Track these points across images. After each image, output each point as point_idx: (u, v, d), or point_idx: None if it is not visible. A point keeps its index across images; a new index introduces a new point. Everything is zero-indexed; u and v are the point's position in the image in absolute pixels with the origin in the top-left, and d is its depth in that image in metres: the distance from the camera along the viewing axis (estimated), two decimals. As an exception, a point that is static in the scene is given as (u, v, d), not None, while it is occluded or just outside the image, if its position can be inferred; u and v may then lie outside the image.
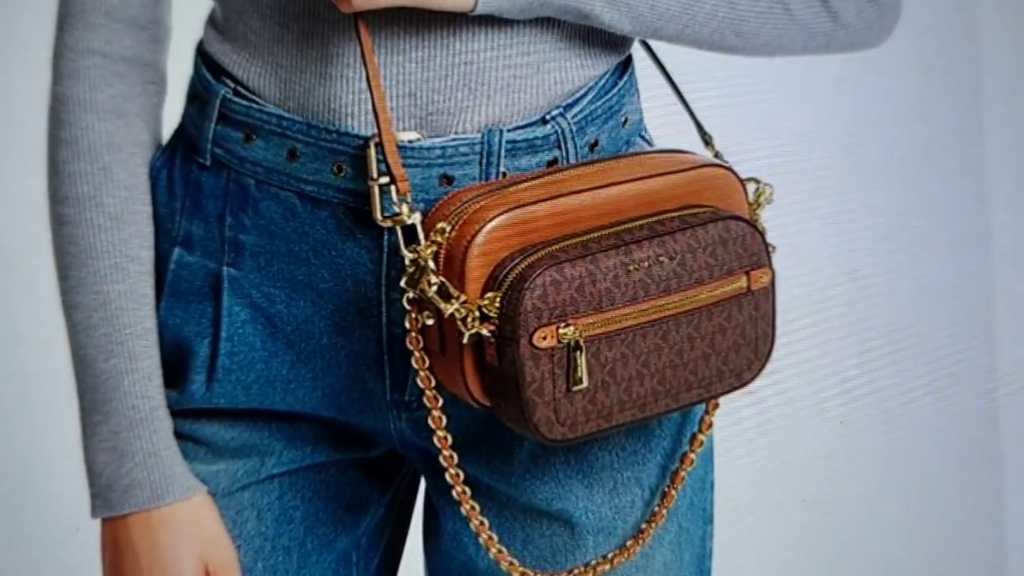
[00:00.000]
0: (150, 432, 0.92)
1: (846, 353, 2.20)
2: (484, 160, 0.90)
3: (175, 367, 0.94)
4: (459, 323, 0.82)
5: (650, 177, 0.89)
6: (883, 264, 2.20)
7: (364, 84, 0.88)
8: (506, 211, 0.85)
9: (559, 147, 0.92)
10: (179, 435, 0.94)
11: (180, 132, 0.96)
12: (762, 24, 0.92)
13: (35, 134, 0.96)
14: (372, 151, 0.87)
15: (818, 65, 1.07)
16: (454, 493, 0.91)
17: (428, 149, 0.89)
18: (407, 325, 0.85)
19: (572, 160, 0.92)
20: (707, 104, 1.06)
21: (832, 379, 2.19)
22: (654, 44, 1.00)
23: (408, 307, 0.85)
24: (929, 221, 2.22)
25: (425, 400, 0.87)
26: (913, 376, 2.24)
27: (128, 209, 0.92)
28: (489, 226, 0.84)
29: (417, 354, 0.86)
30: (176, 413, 0.94)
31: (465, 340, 0.83)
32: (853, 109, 2.16)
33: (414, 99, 0.89)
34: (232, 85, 0.92)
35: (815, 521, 2.19)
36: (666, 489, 0.96)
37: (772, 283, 0.91)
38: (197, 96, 0.94)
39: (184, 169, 0.94)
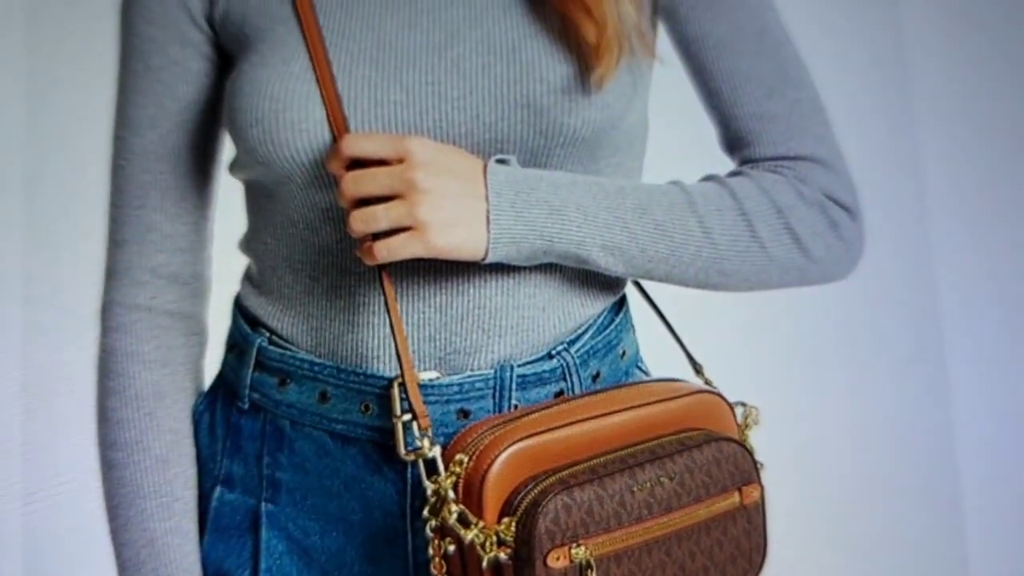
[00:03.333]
0: None
1: (834, 557, 2.21)
2: (497, 394, 0.95)
3: None
4: (478, 548, 0.85)
5: (649, 404, 0.94)
6: (861, 475, 2.23)
7: (388, 330, 0.94)
8: (518, 441, 0.89)
9: (565, 379, 0.97)
10: (220, 662, 0.97)
11: (220, 379, 1.02)
12: (741, 263, 0.98)
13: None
14: (396, 391, 0.92)
15: (791, 294, 1.11)
16: None
17: (447, 386, 0.94)
18: (431, 552, 0.88)
19: (577, 391, 0.97)
20: (695, 334, 1.11)
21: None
22: (645, 284, 1.07)
23: (431, 535, 0.88)
24: (899, 439, 2.26)
25: (450, 624, 0.90)
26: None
27: (173, 452, 0.97)
28: (503, 456, 0.88)
29: (441, 579, 0.89)
30: (217, 642, 0.97)
31: (485, 564, 0.85)
32: (823, 335, 2.20)
33: (433, 342, 0.94)
34: (267, 334, 0.98)
35: None
36: None
37: (762, 498, 0.96)
38: (236, 345, 1.00)
39: (224, 413, 0.99)
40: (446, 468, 0.89)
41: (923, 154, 2.24)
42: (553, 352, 0.97)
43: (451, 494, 0.87)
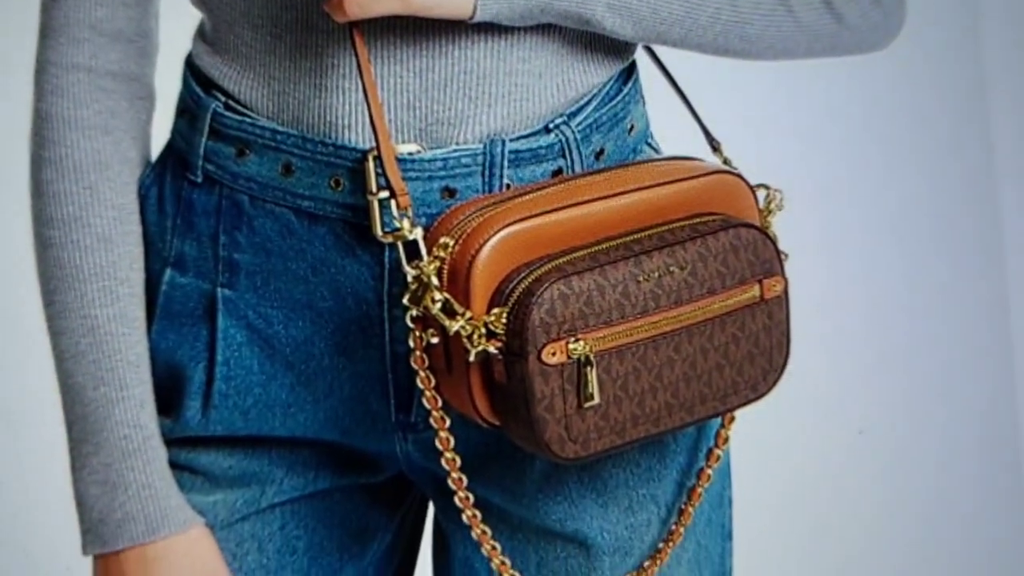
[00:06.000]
0: (143, 463, 0.90)
1: (864, 360, 2.20)
2: (487, 171, 0.89)
3: (168, 393, 0.93)
4: (465, 340, 0.82)
5: (659, 185, 0.90)
6: (899, 267, 2.21)
7: (361, 95, 0.88)
8: (511, 224, 0.85)
9: (564, 156, 0.91)
10: (174, 465, 0.93)
11: (170, 148, 0.95)
12: (765, 27, 0.92)
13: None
14: (371, 164, 0.87)
15: (822, 66, 1.07)
16: (464, 517, 0.90)
17: (428, 161, 0.88)
18: (411, 344, 0.85)
19: (578, 169, 0.92)
20: (713, 109, 1.05)
21: (849, 387, 2.20)
22: (658, 49, 1.00)
23: (412, 325, 0.85)
24: (943, 224, 2.23)
25: (432, 421, 0.87)
26: (933, 382, 2.24)
27: (117, 230, 0.91)
28: (494, 240, 0.84)
29: (422, 373, 0.86)
30: (170, 442, 0.93)
31: (472, 358, 0.82)
32: (859, 111, 2.17)
33: (413, 110, 0.89)
34: (223, 99, 0.92)
35: (831, 534, 2.19)
36: (683, 506, 0.96)
37: (785, 291, 0.91)
38: (187, 111, 0.94)
39: (175, 186, 0.93)
40: (429, 252, 0.84)
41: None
42: (551, 125, 0.91)
43: (434, 281, 0.83)
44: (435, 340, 0.84)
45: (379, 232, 0.87)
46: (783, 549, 2.14)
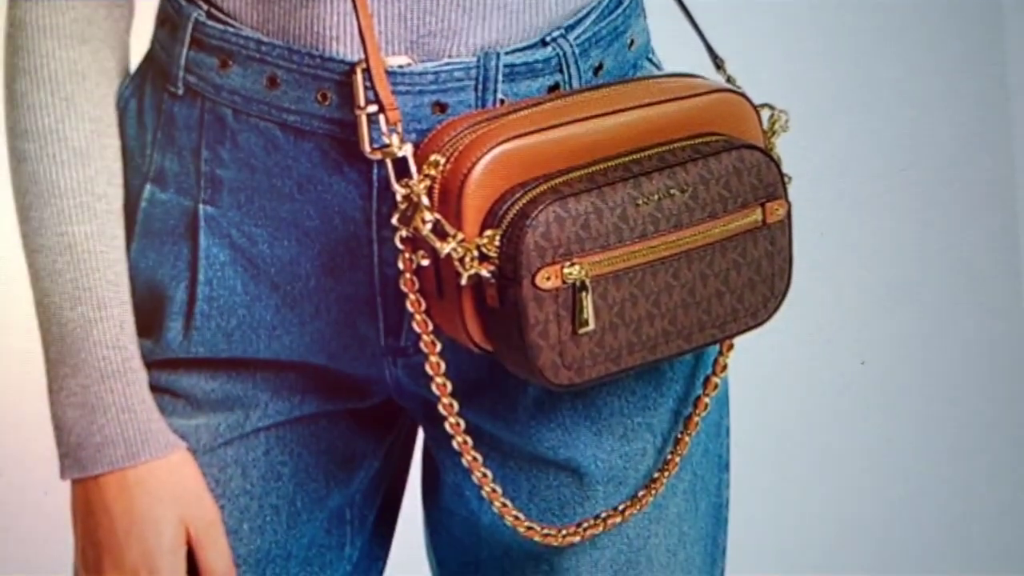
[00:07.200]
0: (123, 385, 0.90)
1: (867, 289, 2.20)
2: (480, 86, 0.88)
3: (149, 314, 0.92)
4: (456, 263, 0.82)
5: (660, 103, 0.88)
6: (906, 193, 2.21)
7: (349, 5, 0.86)
8: (505, 141, 0.83)
9: (561, 71, 0.90)
10: (155, 388, 0.92)
11: (150, 59, 0.94)
12: None
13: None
14: (359, 77, 0.86)
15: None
16: (455, 444, 0.90)
17: (419, 75, 0.87)
18: (401, 266, 0.84)
19: (575, 85, 0.91)
20: (717, 25, 1.04)
21: (852, 316, 2.20)
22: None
23: (401, 246, 0.84)
24: (953, 151, 2.22)
25: (422, 345, 0.86)
26: (938, 312, 2.24)
27: (94, 143, 0.89)
28: (487, 158, 0.83)
29: (412, 297, 0.85)
30: (151, 364, 0.92)
31: (463, 281, 0.82)
32: (869, 29, 2.16)
33: (404, 21, 0.87)
34: (205, 7, 0.90)
35: (831, 465, 2.20)
36: (679, 436, 0.96)
37: (788, 216, 0.91)
38: (167, 19, 0.92)
39: (155, 99, 0.92)
40: (419, 170, 0.83)
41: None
42: (548, 38, 0.90)
43: (424, 200, 0.82)
44: (426, 262, 0.83)
45: (367, 148, 0.85)
46: (782, 480, 2.16)
